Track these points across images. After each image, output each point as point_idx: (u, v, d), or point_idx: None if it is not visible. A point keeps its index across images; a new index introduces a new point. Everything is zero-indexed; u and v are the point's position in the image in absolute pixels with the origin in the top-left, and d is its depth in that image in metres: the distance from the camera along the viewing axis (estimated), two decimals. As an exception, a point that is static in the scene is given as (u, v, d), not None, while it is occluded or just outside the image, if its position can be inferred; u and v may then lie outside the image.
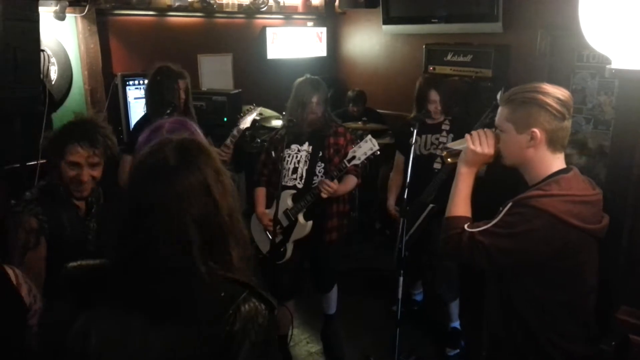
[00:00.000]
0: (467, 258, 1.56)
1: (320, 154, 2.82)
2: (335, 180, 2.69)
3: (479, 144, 1.61)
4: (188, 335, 0.98)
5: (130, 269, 1.03)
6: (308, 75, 2.92)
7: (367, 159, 2.66)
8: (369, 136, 2.63)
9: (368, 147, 2.62)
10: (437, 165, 3.07)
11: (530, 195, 1.50)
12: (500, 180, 1.87)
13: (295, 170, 2.84)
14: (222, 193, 1.08)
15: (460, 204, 1.62)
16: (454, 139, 3.02)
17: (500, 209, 1.55)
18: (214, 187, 1.06)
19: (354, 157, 2.64)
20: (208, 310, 1.00)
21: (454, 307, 3.26)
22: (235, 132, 3.02)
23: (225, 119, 3.87)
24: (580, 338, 1.59)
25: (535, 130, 1.51)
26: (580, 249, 1.50)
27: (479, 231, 1.53)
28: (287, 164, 2.84)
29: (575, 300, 1.51)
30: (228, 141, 3.02)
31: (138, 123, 3.16)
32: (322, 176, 2.80)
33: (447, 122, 3.12)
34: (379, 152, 2.63)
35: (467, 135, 1.65)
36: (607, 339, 1.91)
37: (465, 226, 1.56)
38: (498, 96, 2.84)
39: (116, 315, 1.02)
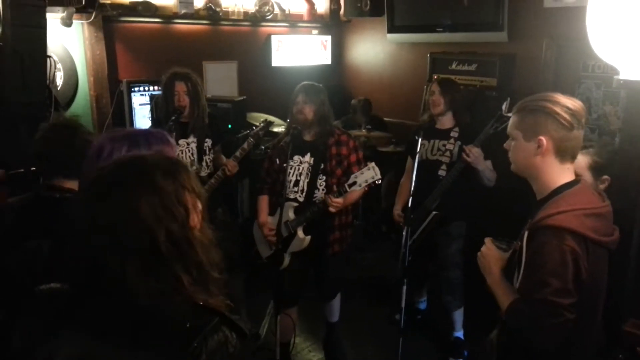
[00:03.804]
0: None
1: (322, 167, 2.80)
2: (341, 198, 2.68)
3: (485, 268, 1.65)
4: None
5: (87, 295, 1.00)
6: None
7: (368, 185, 2.64)
8: (372, 164, 2.63)
9: (370, 175, 2.62)
10: (441, 172, 3.06)
11: (542, 217, 1.47)
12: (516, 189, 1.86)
13: (297, 183, 2.83)
14: (163, 218, 0.99)
15: (504, 297, 1.55)
16: (460, 147, 3.03)
17: (518, 242, 1.52)
18: (148, 215, 0.98)
19: (354, 183, 2.63)
20: (171, 342, 0.95)
21: (458, 316, 3.24)
22: (245, 145, 3.01)
23: (229, 126, 3.88)
24: (588, 351, 1.57)
25: (542, 138, 1.50)
26: (594, 262, 1.48)
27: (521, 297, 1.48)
28: (289, 175, 2.82)
29: (585, 313, 1.49)
30: (237, 153, 3.01)
31: None
32: (323, 189, 2.79)
33: (456, 129, 3.10)
34: (379, 182, 2.63)
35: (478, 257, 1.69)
36: (615, 352, 1.90)
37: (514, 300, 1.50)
38: (503, 107, 2.86)
39: (82, 340, 0.98)
